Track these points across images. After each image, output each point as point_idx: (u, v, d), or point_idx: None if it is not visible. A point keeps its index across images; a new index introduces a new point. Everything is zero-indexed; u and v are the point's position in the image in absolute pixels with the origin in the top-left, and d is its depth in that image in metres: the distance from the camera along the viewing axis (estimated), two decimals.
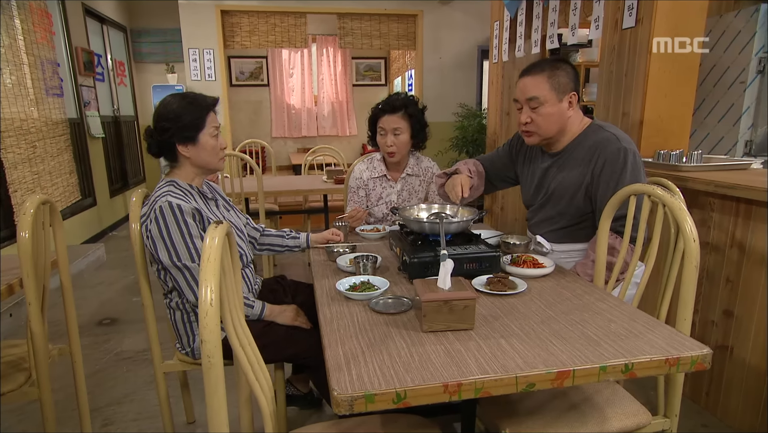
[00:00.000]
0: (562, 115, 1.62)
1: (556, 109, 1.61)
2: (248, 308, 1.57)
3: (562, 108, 1.61)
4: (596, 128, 1.65)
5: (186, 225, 1.47)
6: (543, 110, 1.61)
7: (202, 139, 1.56)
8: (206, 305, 0.76)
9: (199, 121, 1.54)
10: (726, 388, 1.94)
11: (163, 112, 1.55)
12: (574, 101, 1.62)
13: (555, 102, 1.60)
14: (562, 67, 1.61)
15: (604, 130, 1.63)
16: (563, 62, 1.63)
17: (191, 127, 1.53)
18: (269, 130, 7.85)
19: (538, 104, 1.60)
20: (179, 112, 1.53)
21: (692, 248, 1.18)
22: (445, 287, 1.14)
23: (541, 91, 1.59)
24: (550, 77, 1.59)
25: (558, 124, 1.63)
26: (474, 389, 0.92)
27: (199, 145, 1.56)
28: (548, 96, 1.59)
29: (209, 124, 1.57)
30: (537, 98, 1.60)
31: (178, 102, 1.55)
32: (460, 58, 5.59)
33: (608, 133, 1.61)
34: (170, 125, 1.53)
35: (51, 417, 1.51)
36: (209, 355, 0.76)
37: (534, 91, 1.60)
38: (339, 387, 0.89)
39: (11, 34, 3.67)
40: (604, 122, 1.69)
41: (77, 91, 4.78)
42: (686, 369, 1.00)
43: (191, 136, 1.54)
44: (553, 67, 1.60)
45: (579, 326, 1.13)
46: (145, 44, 6.67)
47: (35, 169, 3.80)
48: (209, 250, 0.81)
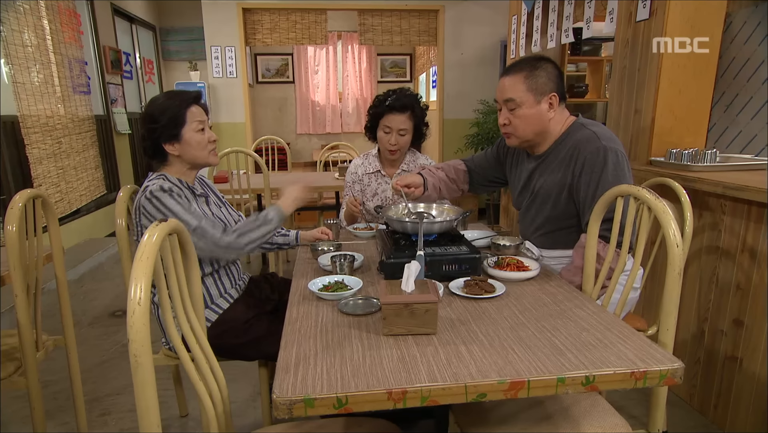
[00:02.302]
0: (541, 117, 1.56)
1: (533, 111, 1.55)
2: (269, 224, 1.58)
3: (541, 110, 1.55)
4: (578, 127, 1.58)
5: (183, 198, 1.51)
6: (520, 112, 1.55)
7: (186, 135, 1.56)
8: (134, 304, 0.75)
9: (179, 117, 1.54)
10: (735, 401, 1.83)
11: (146, 112, 1.56)
12: (555, 102, 1.55)
13: (532, 104, 1.54)
14: (542, 66, 1.54)
15: (586, 128, 1.55)
16: (545, 61, 1.56)
17: (173, 125, 1.54)
18: (294, 127, 7.92)
19: (515, 106, 1.55)
20: (160, 111, 1.54)
21: (675, 254, 1.11)
22: (408, 289, 1.10)
23: (518, 93, 1.54)
24: (527, 78, 1.53)
25: (537, 126, 1.57)
26: (420, 397, 0.89)
27: (183, 142, 1.56)
28: (525, 98, 1.53)
29: (192, 119, 1.56)
30: (513, 100, 1.55)
31: (159, 101, 1.56)
32: (483, 53, 5.48)
33: (589, 132, 1.53)
34: (154, 125, 1.54)
35: (38, 406, 1.55)
36: (136, 354, 0.75)
37: (510, 92, 1.55)
38: (279, 390, 0.87)
39: (39, 34, 3.81)
40: (589, 120, 1.61)
41: (104, 88, 4.93)
42: (654, 384, 0.94)
43: (174, 133, 1.55)
44: (531, 68, 1.54)
45: (548, 334, 1.07)
46: (173, 42, 6.83)
47: (60, 165, 3.93)
48: (144, 247, 0.80)
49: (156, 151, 1.59)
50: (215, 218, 1.66)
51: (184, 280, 0.97)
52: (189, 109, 1.56)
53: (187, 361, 0.92)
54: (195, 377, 0.92)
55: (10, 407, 2.06)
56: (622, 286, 1.49)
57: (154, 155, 1.61)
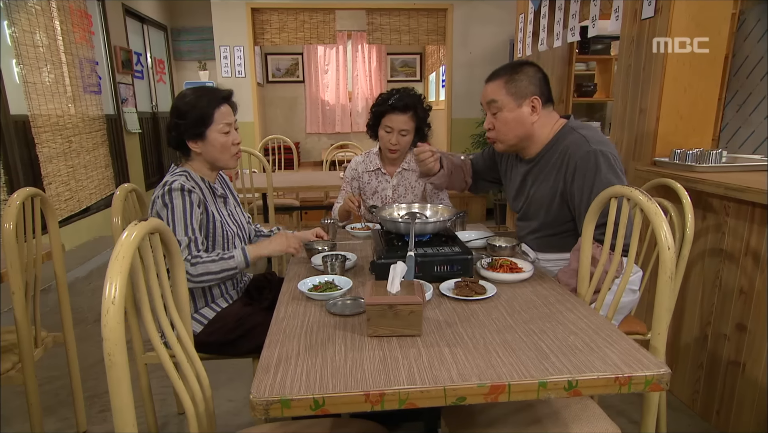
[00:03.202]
0: (523, 121, 1.55)
1: (515, 114, 1.55)
2: (229, 261, 1.50)
3: (522, 113, 1.55)
4: (568, 131, 1.57)
5: (191, 206, 1.50)
6: (501, 116, 1.57)
7: (211, 135, 1.55)
8: (107, 303, 0.75)
9: (206, 116, 1.53)
10: (737, 407, 1.79)
11: (177, 105, 1.56)
12: (537, 105, 1.55)
13: (513, 107, 1.55)
14: (524, 70, 1.55)
15: (575, 132, 1.54)
16: (527, 65, 1.57)
17: (199, 123, 1.53)
18: (304, 126, 7.94)
19: (497, 109, 1.56)
20: (189, 107, 1.53)
21: (666, 257, 1.09)
22: (393, 290, 1.09)
23: (498, 96, 1.55)
24: (507, 82, 1.54)
25: (519, 130, 1.57)
26: (398, 400, 0.88)
27: (207, 142, 1.56)
28: (505, 101, 1.55)
29: (219, 120, 1.55)
30: (495, 102, 1.56)
31: (190, 96, 1.55)
32: (491, 53, 5.44)
33: (578, 135, 1.52)
34: (181, 121, 1.54)
35: (35, 402, 1.57)
36: (110, 353, 0.76)
37: (492, 95, 1.56)
38: (256, 390, 0.87)
39: (50, 34, 3.86)
40: (579, 123, 1.60)
41: (115, 88, 4.98)
42: (639, 389, 0.92)
43: (199, 132, 1.54)
44: (512, 72, 1.55)
45: (535, 337, 1.06)
46: (184, 42, 6.89)
47: (70, 163, 3.99)
48: (120, 246, 0.80)
49: (179, 146, 1.60)
50: (230, 219, 1.67)
51: (166, 279, 0.98)
52: (218, 108, 1.55)
53: (167, 360, 0.92)
54: (174, 376, 0.93)
55: (13, 402, 2.09)
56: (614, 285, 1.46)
57: (178, 148, 1.62)
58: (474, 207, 5.32)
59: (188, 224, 1.49)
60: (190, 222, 1.50)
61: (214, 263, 1.49)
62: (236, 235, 1.67)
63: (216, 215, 1.61)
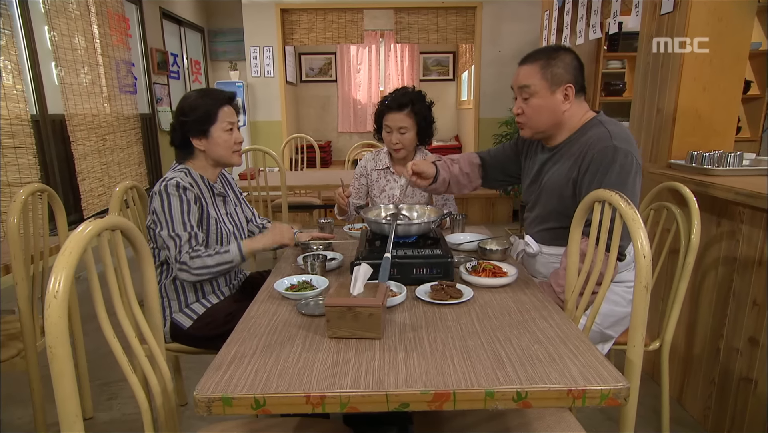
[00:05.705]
0: (555, 108, 1.50)
1: (547, 101, 1.50)
2: (225, 255, 1.55)
3: (555, 100, 1.49)
4: (595, 123, 1.51)
5: (188, 204, 1.54)
6: (533, 101, 1.51)
7: (215, 133, 1.61)
8: (50, 297, 0.78)
9: (211, 114, 1.59)
10: (749, 426, 1.68)
11: (181, 105, 1.63)
12: (570, 94, 1.49)
13: (546, 94, 1.49)
14: (560, 57, 1.49)
15: (602, 126, 1.48)
16: (564, 51, 1.51)
17: (204, 121, 1.59)
18: (336, 125, 8.01)
19: (529, 95, 1.51)
20: (194, 106, 1.60)
21: (642, 266, 1.03)
22: (355, 292, 1.09)
23: (533, 81, 1.50)
24: (544, 67, 1.48)
25: (550, 117, 1.52)
26: (339, 403, 0.87)
27: (211, 139, 1.62)
28: (539, 86, 1.49)
29: (223, 119, 1.61)
30: (528, 87, 1.50)
31: (194, 96, 1.62)
32: (521, 51, 5.27)
33: (603, 130, 1.46)
34: (186, 118, 1.60)
35: (37, 388, 1.65)
36: (51, 346, 0.78)
37: (525, 80, 1.51)
38: (201, 388, 0.88)
39: (88, 38, 4.05)
40: (609, 119, 1.53)
41: (150, 88, 5.18)
42: (594, 403, 0.88)
43: (204, 129, 1.60)
44: (549, 57, 1.49)
45: (498, 345, 1.03)
46: (220, 43, 7.08)
47: (104, 160, 4.17)
48: (70, 242, 0.83)
49: (183, 143, 1.65)
50: (228, 218, 1.71)
51: (128, 276, 1.00)
52: (222, 108, 1.61)
53: (120, 354, 0.94)
54: (127, 370, 0.95)
55: (24, 390, 2.20)
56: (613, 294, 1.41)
57: (181, 146, 1.67)
58: (500, 209, 5.22)
59: (186, 220, 1.54)
60: (188, 218, 1.54)
61: (211, 257, 1.54)
62: (232, 233, 1.70)
63: (212, 213, 1.64)
